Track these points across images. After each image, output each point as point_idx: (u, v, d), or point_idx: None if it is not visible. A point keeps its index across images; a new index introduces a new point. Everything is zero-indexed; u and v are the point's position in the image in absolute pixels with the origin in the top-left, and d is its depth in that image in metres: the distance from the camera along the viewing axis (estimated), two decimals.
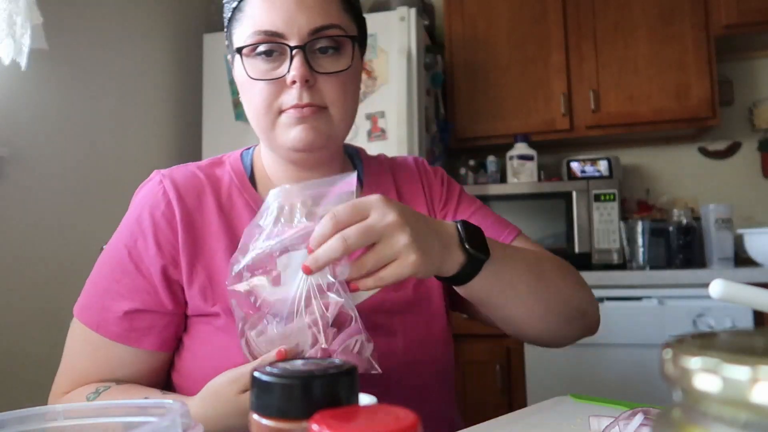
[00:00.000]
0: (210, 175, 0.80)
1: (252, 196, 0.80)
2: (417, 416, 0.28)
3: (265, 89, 0.73)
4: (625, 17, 2.31)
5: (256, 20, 0.72)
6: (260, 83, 0.73)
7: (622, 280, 1.91)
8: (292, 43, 0.71)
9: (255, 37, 0.72)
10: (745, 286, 0.39)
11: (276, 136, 0.74)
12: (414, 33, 2.12)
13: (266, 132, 0.75)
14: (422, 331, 0.79)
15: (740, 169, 2.48)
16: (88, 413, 0.41)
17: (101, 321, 0.74)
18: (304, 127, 0.73)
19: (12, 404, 0.46)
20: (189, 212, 0.76)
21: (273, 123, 0.74)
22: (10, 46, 1.51)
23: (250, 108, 0.76)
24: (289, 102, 0.72)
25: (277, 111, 0.73)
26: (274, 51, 0.73)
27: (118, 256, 0.76)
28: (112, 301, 0.74)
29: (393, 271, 0.58)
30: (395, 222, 0.58)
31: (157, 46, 2.28)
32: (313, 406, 0.31)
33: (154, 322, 0.75)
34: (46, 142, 1.78)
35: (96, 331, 0.74)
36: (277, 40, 0.72)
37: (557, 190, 2.21)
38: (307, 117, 0.72)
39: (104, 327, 0.74)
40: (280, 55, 0.73)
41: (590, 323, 0.83)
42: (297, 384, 0.32)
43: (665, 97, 2.25)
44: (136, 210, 0.77)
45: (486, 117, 2.42)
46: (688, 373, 0.20)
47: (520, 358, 1.96)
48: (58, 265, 1.77)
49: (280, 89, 0.73)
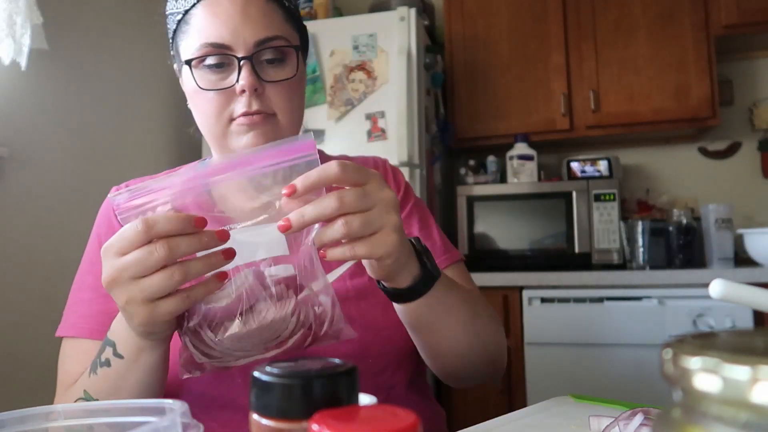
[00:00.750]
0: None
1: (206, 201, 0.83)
2: (417, 416, 0.28)
3: (215, 99, 0.75)
4: (625, 17, 2.31)
5: (203, 33, 0.74)
6: (210, 93, 0.75)
7: (622, 280, 1.91)
8: (240, 54, 0.74)
9: (203, 49, 0.74)
10: (745, 286, 0.39)
11: (228, 143, 0.77)
12: (414, 33, 2.12)
13: (218, 139, 0.78)
14: (378, 318, 0.79)
15: (740, 169, 2.48)
16: (88, 413, 0.41)
17: (94, 326, 0.76)
18: (254, 133, 0.75)
19: (12, 404, 0.47)
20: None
21: (224, 131, 0.76)
22: (10, 46, 1.51)
23: (201, 117, 0.79)
24: (239, 110, 0.75)
25: (228, 119, 0.76)
26: (222, 62, 0.75)
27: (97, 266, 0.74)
28: (102, 306, 0.76)
29: (367, 248, 0.55)
30: (392, 198, 0.57)
31: (157, 46, 2.28)
32: (313, 406, 0.31)
33: None
34: (46, 142, 1.78)
35: (90, 338, 0.76)
36: (224, 52, 0.74)
37: (557, 190, 2.21)
38: (257, 124, 0.75)
39: (99, 331, 0.75)
40: (228, 66, 0.75)
41: (500, 369, 0.86)
42: (297, 384, 0.32)
43: (665, 97, 2.25)
44: (104, 221, 0.85)
45: (486, 117, 2.42)
46: (688, 373, 0.20)
47: (520, 358, 1.96)
48: (58, 265, 1.77)
49: (230, 98, 0.75)
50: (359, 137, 2.10)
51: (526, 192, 2.25)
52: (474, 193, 2.28)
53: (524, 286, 1.98)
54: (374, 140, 2.10)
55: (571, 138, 2.39)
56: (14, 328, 1.62)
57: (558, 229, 2.19)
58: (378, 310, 0.81)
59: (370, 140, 2.10)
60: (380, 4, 2.42)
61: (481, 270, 2.07)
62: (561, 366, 1.91)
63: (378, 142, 2.09)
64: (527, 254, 2.20)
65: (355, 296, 0.80)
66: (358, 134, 2.11)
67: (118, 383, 0.64)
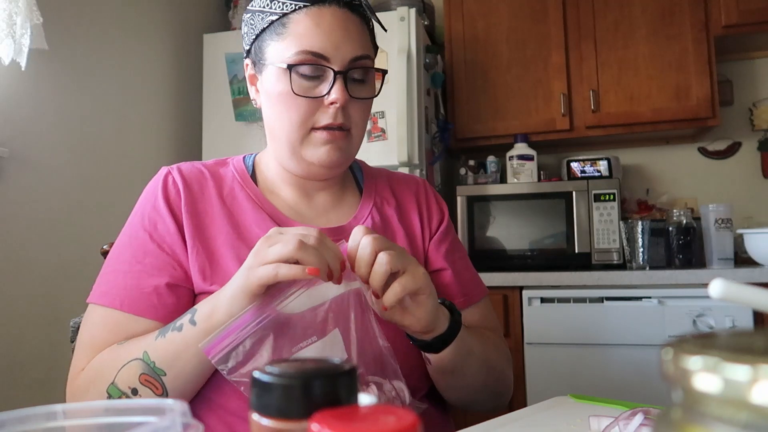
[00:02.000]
0: (214, 172, 0.86)
1: (253, 190, 0.85)
2: (417, 416, 0.28)
3: (303, 106, 0.78)
4: (625, 17, 2.31)
5: (304, 40, 0.77)
6: (300, 99, 0.77)
7: (622, 280, 1.91)
8: (336, 67, 0.77)
9: (301, 56, 0.77)
10: (745, 286, 0.39)
11: (303, 151, 0.80)
12: (414, 33, 2.12)
13: (293, 145, 0.80)
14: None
15: (740, 169, 2.48)
16: (88, 413, 0.41)
17: (125, 298, 0.75)
18: (332, 146, 0.79)
19: (12, 404, 0.46)
20: (193, 199, 0.82)
21: (303, 139, 0.80)
22: (10, 46, 1.51)
23: (281, 122, 0.80)
24: (324, 121, 0.78)
25: (310, 128, 0.79)
26: (317, 73, 0.78)
27: (138, 241, 0.78)
28: (136, 280, 0.76)
29: (408, 278, 0.65)
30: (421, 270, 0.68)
31: (157, 46, 2.28)
32: (313, 406, 0.31)
33: (181, 297, 0.77)
34: (46, 142, 1.78)
35: (120, 309, 0.75)
36: (323, 63, 0.77)
37: (557, 190, 2.21)
38: (336, 139, 0.79)
39: (129, 303, 0.75)
40: (321, 77, 0.78)
41: (505, 401, 0.92)
42: (297, 384, 0.32)
43: (665, 97, 2.25)
44: (150, 198, 0.82)
45: (486, 117, 2.42)
46: (688, 373, 0.20)
47: (520, 358, 1.96)
48: (58, 264, 1.77)
49: (316, 108, 0.78)
50: None
51: (526, 192, 2.25)
52: (474, 193, 2.28)
53: (524, 286, 1.98)
54: (374, 140, 2.10)
55: (571, 138, 2.39)
56: (14, 328, 1.62)
57: (558, 229, 2.19)
58: None
59: (370, 140, 2.10)
60: (380, 4, 2.42)
61: (481, 270, 2.05)
62: (561, 366, 1.90)
63: (378, 142, 2.09)
64: (527, 254, 2.20)
65: None
66: None
67: (179, 350, 0.68)
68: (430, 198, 0.97)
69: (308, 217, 0.86)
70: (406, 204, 0.94)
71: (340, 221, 0.87)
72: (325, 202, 0.89)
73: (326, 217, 0.87)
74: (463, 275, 0.92)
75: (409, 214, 0.93)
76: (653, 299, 1.85)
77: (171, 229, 0.78)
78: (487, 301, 0.95)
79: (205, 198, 0.82)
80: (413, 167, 2.07)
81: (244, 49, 0.86)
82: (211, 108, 2.32)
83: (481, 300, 0.93)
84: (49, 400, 0.81)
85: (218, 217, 0.81)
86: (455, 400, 0.85)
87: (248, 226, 0.81)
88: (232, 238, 0.79)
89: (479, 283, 0.95)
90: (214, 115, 2.30)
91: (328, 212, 0.88)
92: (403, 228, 0.90)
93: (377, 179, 0.95)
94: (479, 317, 0.91)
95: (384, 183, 0.95)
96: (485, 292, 0.95)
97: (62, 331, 0.80)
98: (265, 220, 0.81)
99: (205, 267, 0.77)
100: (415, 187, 0.97)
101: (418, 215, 0.93)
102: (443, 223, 0.95)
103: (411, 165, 2.06)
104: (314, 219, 0.86)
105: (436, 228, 0.94)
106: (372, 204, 0.90)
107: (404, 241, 0.89)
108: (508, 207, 2.24)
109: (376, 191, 0.93)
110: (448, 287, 0.89)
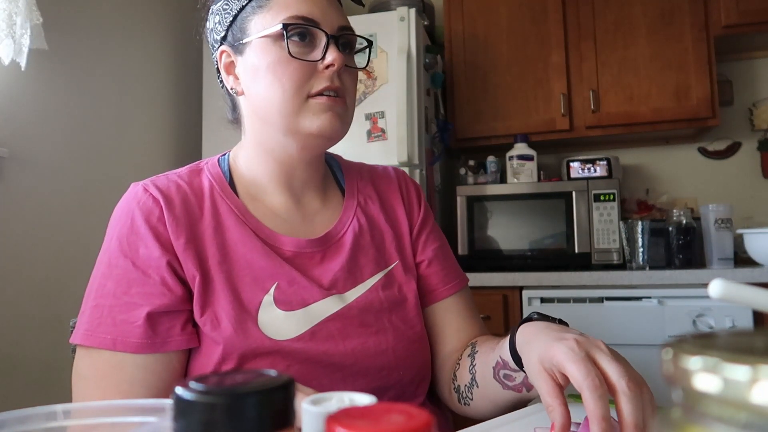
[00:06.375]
0: (191, 183, 0.80)
1: (233, 201, 0.79)
2: (431, 415, 0.28)
3: (298, 70, 0.75)
4: (625, 17, 2.31)
5: (291, 7, 0.75)
6: (293, 64, 0.74)
7: (622, 280, 1.91)
8: (328, 31, 0.76)
9: (293, 21, 0.75)
10: (744, 286, 0.39)
11: (301, 121, 0.75)
12: (414, 33, 2.12)
13: (288, 118, 0.75)
14: (407, 329, 0.81)
15: (740, 169, 2.48)
16: (88, 413, 0.41)
17: (118, 336, 0.69)
18: (332, 113, 0.75)
19: (12, 404, 0.47)
20: (177, 217, 0.75)
21: (300, 107, 0.75)
22: (10, 46, 1.51)
23: (274, 91, 0.75)
24: (320, 85, 0.75)
25: (305, 96, 0.75)
26: (307, 35, 0.76)
27: (121, 269, 0.72)
28: (126, 314, 0.70)
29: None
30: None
31: (157, 46, 2.28)
32: (241, 430, 0.27)
33: (174, 321, 0.72)
34: (46, 142, 1.78)
35: (113, 350, 0.69)
36: (315, 26, 0.75)
37: (557, 190, 2.21)
38: (335, 105, 0.75)
39: (123, 341, 0.69)
40: (312, 42, 0.76)
41: None
42: (221, 403, 0.27)
43: (665, 97, 2.25)
44: (125, 221, 0.75)
45: (486, 117, 2.42)
46: (688, 373, 0.20)
47: None
48: (58, 265, 1.77)
49: (311, 73, 0.75)
50: (359, 137, 2.10)
51: (526, 192, 2.25)
52: (474, 194, 2.28)
53: (524, 286, 1.98)
54: (374, 140, 2.10)
55: (571, 138, 2.39)
56: (14, 327, 1.62)
57: (558, 229, 2.19)
58: (408, 323, 0.82)
59: (370, 140, 2.10)
60: (380, 4, 2.42)
61: (480, 270, 2.07)
62: None
63: (378, 142, 2.09)
64: (527, 254, 2.20)
65: (388, 307, 0.81)
66: (357, 134, 2.11)
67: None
68: (410, 189, 0.94)
69: (294, 225, 0.81)
70: (390, 200, 0.91)
71: (325, 227, 0.83)
72: (312, 204, 0.84)
73: (312, 223, 0.83)
74: (447, 264, 0.90)
75: (394, 210, 0.90)
76: (653, 299, 1.85)
77: (155, 253, 0.72)
78: (469, 289, 0.93)
79: (189, 213, 0.76)
80: (413, 167, 2.07)
81: (216, 39, 0.82)
82: (211, 108, 2.32)
83: (462, 289, 0.90)
84: (49, 400, 0.80)
85: (206, 236, 0.75)
86: (482, 415, 0.81)
87: (233, 245, 0.76)
88: (219, 259, 0.74)
89: (460, 270, 0.93)
90: (214, 115, 2.31)
91: (314, 217, 0.83)
92: (390, 227, 0.87)
93: (357, 175, 0.91)
94: (463, 305, 0.89)
95: (366, 179, 0.91)
96: (467, 278, 0.92)
97: (62, 331, 0.79)
98: (250, 237, 0.76)
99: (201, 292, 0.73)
100: (396, 179, 0.93)
101: (403, 209, 0.90)
102: (422, 211, 0.92)
103: (411, 165, 2.06)
104: (300, 228, 0.81)
105: (416, 217, 0.91)
106: (356, 204, 0.87)
107: (392, 241, 0.86)
108: (508, 207, 2.24)
109: (359, 189, 0.89)
110: (434, 277, 0.88)
